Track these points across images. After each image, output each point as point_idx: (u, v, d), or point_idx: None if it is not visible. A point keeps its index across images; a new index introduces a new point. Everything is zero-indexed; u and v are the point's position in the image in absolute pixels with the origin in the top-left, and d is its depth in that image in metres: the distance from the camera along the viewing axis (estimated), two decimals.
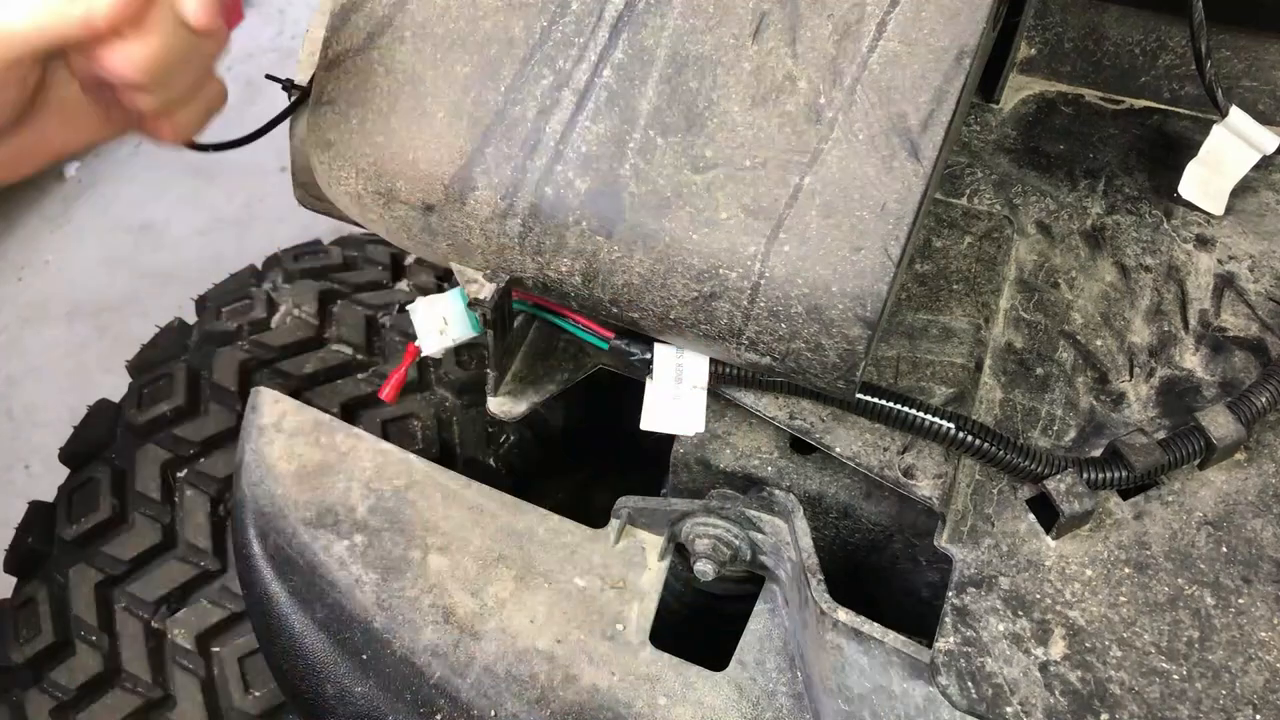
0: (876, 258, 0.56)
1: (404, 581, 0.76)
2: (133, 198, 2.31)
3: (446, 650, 0.74)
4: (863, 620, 0.65)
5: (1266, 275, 0.76)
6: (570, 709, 0.72)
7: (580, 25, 0.62)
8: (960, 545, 0.65)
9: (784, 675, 0.74)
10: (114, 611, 0.83)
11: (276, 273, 1.09)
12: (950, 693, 0.61)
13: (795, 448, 0.76)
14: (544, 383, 0.74)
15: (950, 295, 0.74)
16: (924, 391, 0.69)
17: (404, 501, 0.79)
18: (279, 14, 2.71)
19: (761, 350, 0.60)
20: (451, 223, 0.63)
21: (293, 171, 0.74)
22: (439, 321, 0.69)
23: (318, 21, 0.73)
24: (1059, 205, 0.81)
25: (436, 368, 0.99)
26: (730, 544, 0.74)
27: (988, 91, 0.87)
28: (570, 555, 0.77)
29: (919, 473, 0.67)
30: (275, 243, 1.23)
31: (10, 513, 1.19)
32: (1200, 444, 0.65)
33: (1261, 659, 0.60)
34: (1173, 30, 0.86)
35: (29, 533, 0.89)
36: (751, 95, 0.60)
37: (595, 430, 1.06)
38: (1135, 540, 0.65)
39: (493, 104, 0.62)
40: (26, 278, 2.17)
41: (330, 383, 0.95)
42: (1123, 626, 0.62)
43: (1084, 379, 0.72)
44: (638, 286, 0.61)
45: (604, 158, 0.60)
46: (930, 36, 0.59)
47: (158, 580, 0.84)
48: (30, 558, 0.87)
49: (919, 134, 0.57)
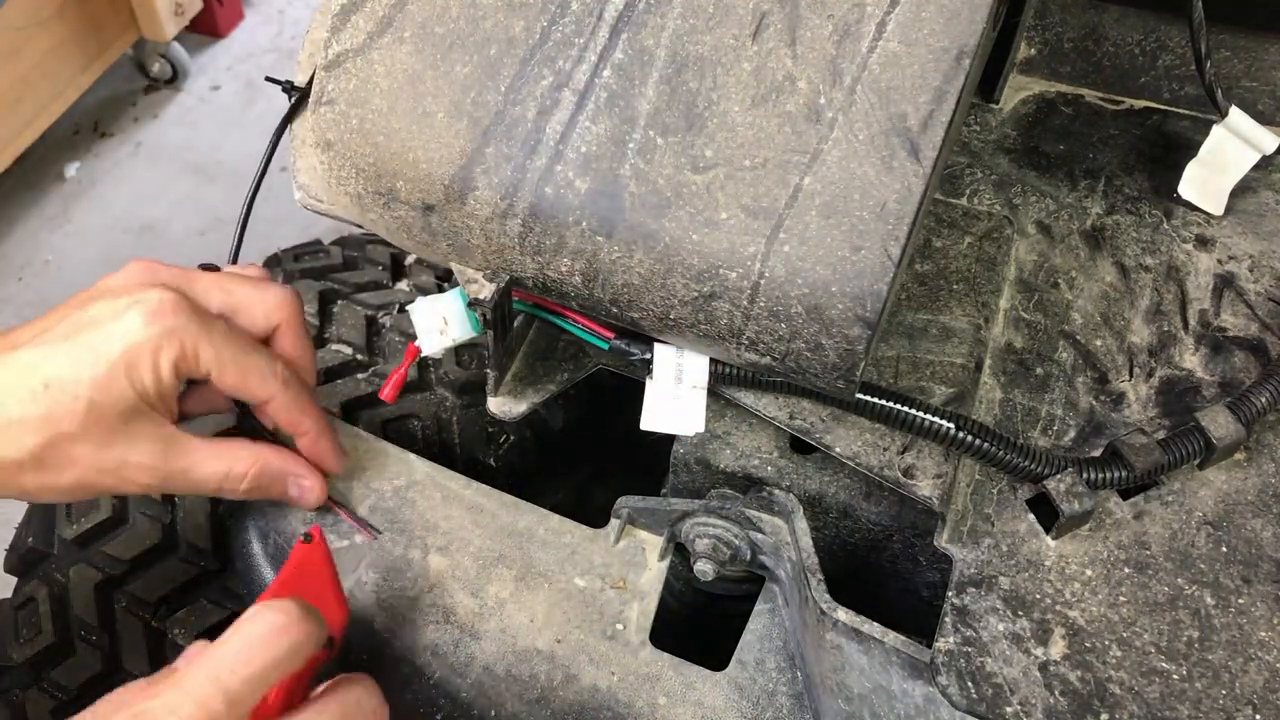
0: (876, 258, 0.56)
1: (404, 581, 0.76)
2: (133, 198, 2.31)
3: (446, 650, 0.74)
4: (863, 620, 0.65)
5: (1266, 275, 0.76)
6: (570, 709, 0.72)
7: (580, 25, 0.62)
8: (960, 545, 0.65)
9: (784, 675, 0.74)
10: (114, 611, 0.83)
11: (276, 273, 1.09)
12: (950, 692, 0.61)
13: (795, 448, 0.76)
14: (544, 383, 0.74)
15: (950, 295, 0.74)
16: (924, 391, 0.69)
17: (404, 501, 0.79)
18: (279, 14, 2.71)
19: (761, 350, 0.60)
20: (451, 223, 0.63)
21: (293, 171, 0.74)
22: (439, 321, 0.69)
23: (318, 21, 0.73)
24: (1059, 205, 0.81)
25: (436, 368, 0.99)
26: (730, 544, 0.74)
27: (988, 91, 0.87)
28: (570, 555, 0.77)
29: (919, 473, 0.67)
30: (275, 243, 1.23)
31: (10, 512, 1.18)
32: (1200, 444, 0.65)
33: (1261, 659, 0.60)
34: (1172, 30, 0.86)
35: (29, 532, 0.89)
36: (751, 95, 0.60)
37: (595, 430, 1.06)
38: (1135, 540, 0.65)
39: (493, 104, 0.62)
40: (26, 278, 2.17)
41: (330, 383, 0.95)
42: (1123, 626, 0.62)
43: (1084, 379, 0.72)
44: (638, 286, 0.61)
45: (604, 158, 0.60)
46: (930, 37, 0.59)
47: (158, 580, 0.83)
48: (30, 558, 0.87)
49: (919, 134, 0.57)
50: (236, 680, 0.55)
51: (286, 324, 0.72)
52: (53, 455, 0.63)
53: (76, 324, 0.64)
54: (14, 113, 2.11)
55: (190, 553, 0.84)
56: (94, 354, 0.63)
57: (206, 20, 2.57)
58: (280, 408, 0.70)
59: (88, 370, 0.62)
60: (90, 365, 0.62)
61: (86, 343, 0.63)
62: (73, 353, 0.63)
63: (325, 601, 0.64)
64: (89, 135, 2.43)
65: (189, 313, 0.65)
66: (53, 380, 0.62)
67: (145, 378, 0.63)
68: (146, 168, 2.38)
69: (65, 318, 0.65)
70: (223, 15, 2.62)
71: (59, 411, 0.62)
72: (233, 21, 2.67)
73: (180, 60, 2.49)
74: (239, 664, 0.56)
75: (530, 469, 0.99)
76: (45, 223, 2.26)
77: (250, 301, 0.70)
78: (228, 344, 0.66)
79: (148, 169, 2.37)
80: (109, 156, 2.39)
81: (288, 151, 0.75)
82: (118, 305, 0.64)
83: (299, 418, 0.72)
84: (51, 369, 0.62)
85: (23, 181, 2.30)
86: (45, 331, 0.64)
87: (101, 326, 0.63)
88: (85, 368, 0.62)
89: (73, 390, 0.62)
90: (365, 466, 0.80)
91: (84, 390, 0.62)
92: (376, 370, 0.97)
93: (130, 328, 0.63)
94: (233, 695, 0.55)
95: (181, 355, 0.64)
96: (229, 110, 2.48)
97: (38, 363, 0.63)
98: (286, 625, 0.58)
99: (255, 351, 0.69)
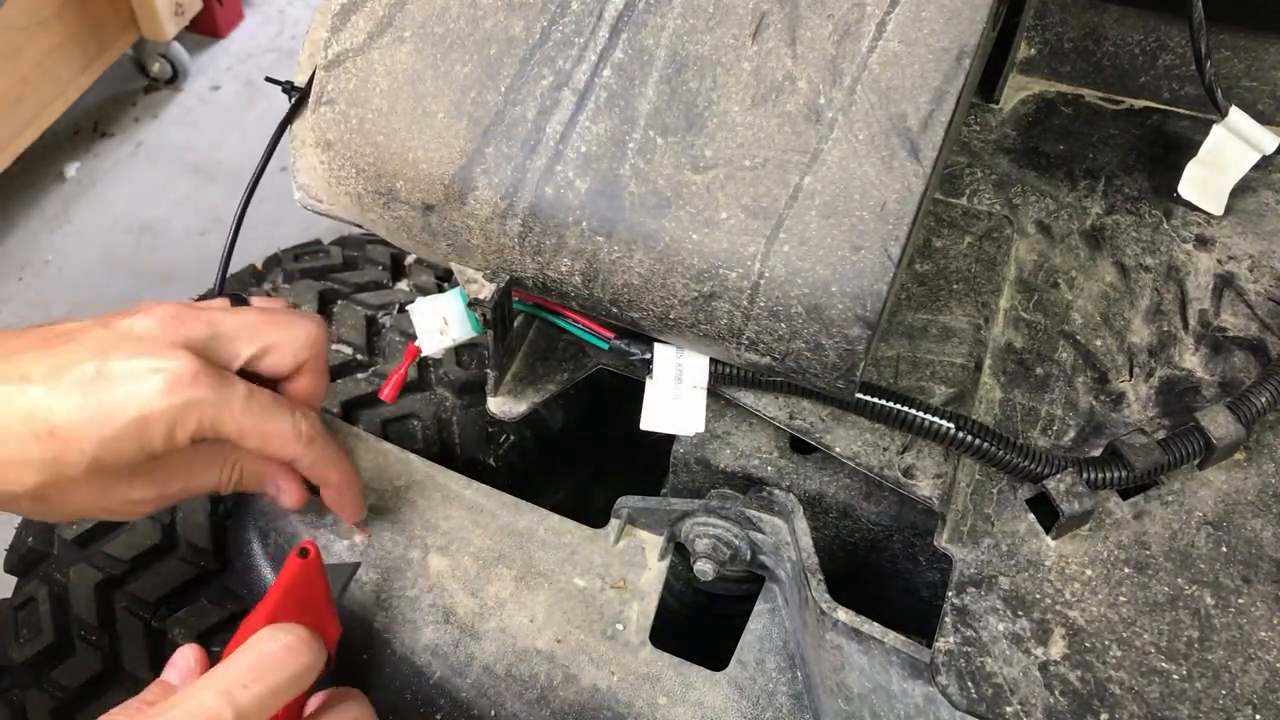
0: (876, 258, 0.56)
1: (404, 581, 0.76)
2: (133, 198, 2.31)
3: (446, 650, 0.74)
4: (863, 620, 0.65)
5: (1266, 275, 0.76)
6: (570, 709, 0.72)
7: (580, 25, 0.62)
8: (960, 545, 0.65)
9: (784, 675, 0.74)
10: (114, 611, 0.83)
11: (276, 273, 1.09)
12: (950, 692, 0.61)
13: (795, 448, 0.76)
14: (544, 383, 0.74)
15: (950, 295, 0.74)
16: (924, 391, 0.69)
17: (404, 501, 0.79)
18: (279, 14, 2.71)
19: (761, 350, 0.60)
20: (451, 223, 0.63)
21: (293, 171, 0.74)
22: (439, 321, 0.69)
23: (318, 21, 0.73)
24: (1059, 205, 0.81)
25: (436, 368, 0.99)
26: (730, 544, 0.74)
27: (988, 91, 0.87)
28: (570, 555, 0.77)
29: (919, 473, 0.67)
30: (275, 243, 1.23)
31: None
32: (1200, 444, 0.65)
33: (1261, 659, 0.60)
34: (1173, 30, 0.86)
35: (29, 532, 0.89)
36: (751, 95, 0.60)
37: (595, 430, 1.06)
38: (1135, 540, 0.65)
39: (493, 104, 0.62)
40: (26, 278, 2.17)
41: (330, 383, 0.95)
42: (1123, 626, 0.62)
43: (1084, 379, 0.72)
44: (638, 286, 0.61)
45: (604, 158, 0.60)
46: (930, 36, 0.59)
47: (158, 580, 0.83)
48: (30, 558, 0.87)
49: (919, 134, 0.57)
50: (248, 696, 0.55)
51: (313, 361, 0.71)
52: (54, 494, 0.63)
53: (93, 375, 0.62)
54: (14, 113, 2.11)
55: (190, 553, 0.84)
56: (107, 414, 0.61)
57: (206, 20, 2.57)
58: (305, 466, 0.71)
59: (97, 429, 0.61)
60: (101, 425, 0.61)
61: (100, 400, 0.62)
62: (85, 407, 0.61)
63: (321, 617, 0.65)
64: (89, 135, 2.43)
65: (209, 384, 0.64)
66: (60, 429, 0.61)
67: (156, 442, 0.63)
68: (146, 168, 2.38)
69: (81, 361, 0.63)
70: (223, 15, 2.62)
71: (64, 459, 0.62)
72: (233, 21, 2.67)
73: (180, 60, 2.48)
74: (251, 681, 0.56)
75: (530, 469, 0.99)
76: (45, 223, 2.26)
77: (280, 342, 0.69)
78: (248, 413, 0.65)
79: (148, 169, 2.37)
80: (109, 156, 2.39)
81: (288, 151, 0.75)
82: (137, 368, 0.63)
83: (324, 473, 0.72)
84: (61, 416, 0.61)
85: (23, 181, 2.30)
86: (61, 371, 0.62)
87: (119, 385, 0.62)
88: (95, 426, 0.61)
89: (79, 445, 0.61)
90: (365, 466, 0.80)
91: (90, 447, 0.61)
92: (376, 370, 0.97)
93: (147, 395, 0.62)
94: (242, 711, 0.55)
95: (199, 428, 0.64)
96: (229, 110, 2.48)
97: (49, 406, 0.61)
98: (299, 648, 0.58)
99: (276, 416, 0.67)
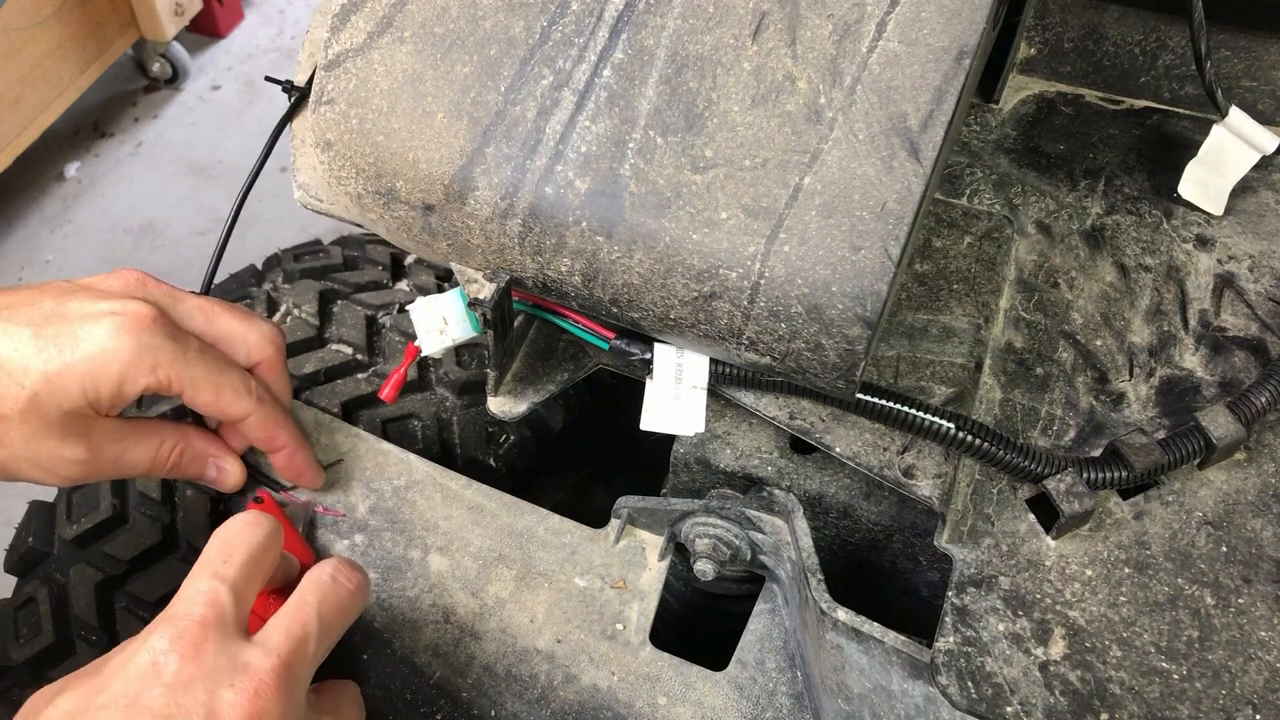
0: (876, 258, 0.56)
1: (404, 581, 0.76)
2: (133, 198, 2.31)
3: (447, 650, 0.74)
4: (863, 620, 0.65)
5: (1266, 275, 0.76)
6: (570, 709, 0.72)
7: (580, 25, 0.62)
8: (960, 545, 0.65)
9: (784, 675, 0.74)
10: (114, 611, 0.83)
11: (276, 273, 1.09)
12: (950, 692, 0.61)
13: (795, 448, 0.76)
14: (544, 383, 0.74)
15: (950, 295, 0.74)
16: (924, 391, 0.69)
17: (404, 501, 0.79)
18: (279, 14, 2.71)
19: (761, 350, 0.60)
20: (451, 223, 0.63)
21: (293, 171, 0.74)
22: (439, 321, 0.69)
23: (318, 21, 0.73)
24: (1059, 205, 0.81)
25: (436, 368, 0.99)
26: (730, 544, 0.74)
27: (988, 91, 0.87)
28: (570, 555, 0.77)
29: (919, 473, 0.67)
30: (275, 243, 1.23)
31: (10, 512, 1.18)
32: (1200, 444, 0.65)
33: (1261, 659, 0.60)
34: (1173, 30, 0.86)
35: (29, 533, 0.89)
36: (751, 95, 0.60)
37: (595, 430, 1.06)
38: (1135, 540, 0.65)
39: (493, 104, 0.62)
40: (27, 278, 2.17)
41: (330, 383, 0.95)
42: (1123, 626, 0.62)
43: (1084, 379, 0.72)
44: (638, 286, 0.61)
45: (604, 158, 0.60)
46: (930, 36, 0.59)
47: (158, 580, 0.83)
48: (30, 557, 0.87)
49: (919, 134, 0.57)
50: (231, 569, 0.57)
51: (268, 362, 0.71)
52: None
53: (49, 313, 0.62)
54: (14, 113, 2.11)
55: (190, 553, 0.84)
56: (55, 349, 0.61)
57: (206, 20, 2.57)
58: (255, 424, 0.70)
59: (41, 363, 0.61)
60: (46, 360, 0.61)
61: (51, 335, 0.61)
62: (35, 341, 0.61)
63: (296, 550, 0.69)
64: (89, 135, 2.43)
65: (165, 332, 0.64)
66: (5, 360, 0.61)
67: (102, 389, 0.62)
68: (146, 168, 2.38)
69: (41, 301, 0.63)
70: (223, 15, 2.62)
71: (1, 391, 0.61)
72: (233, 21, 2.67)
73: (180, 60, 2.49)
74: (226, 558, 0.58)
75: (530, 469, 0.99)
76: (45, 223, 2.26)
77: (234, 335, 0.69)
78: (201, 363, 0.65)
79: (148, 169, 2.37)
80: (109, 156, 2.40)
81: (287, 151, 0.75)
82: (96, 308, 0.63)
83: (275, 433, 0.71)
84: (8, 348, 0.61)
85: (23, 181, 2.30)
86: (16, 308, 0.63)
87: (72, 324, 0.62)
88: (40, 360, 0.61)
89: (20, 377, 0.61)
90: (365, 466, 0.80)
91: (32, 381, 0.61)
92: (376, 370, 0.97)
93: (100, 335, 0.62)
94: (232, 581, 0.57)
95: (152, 375, 0.63)
96: (229, 110, 2.48)
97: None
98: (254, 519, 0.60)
99: (229, 369, 0.67)
